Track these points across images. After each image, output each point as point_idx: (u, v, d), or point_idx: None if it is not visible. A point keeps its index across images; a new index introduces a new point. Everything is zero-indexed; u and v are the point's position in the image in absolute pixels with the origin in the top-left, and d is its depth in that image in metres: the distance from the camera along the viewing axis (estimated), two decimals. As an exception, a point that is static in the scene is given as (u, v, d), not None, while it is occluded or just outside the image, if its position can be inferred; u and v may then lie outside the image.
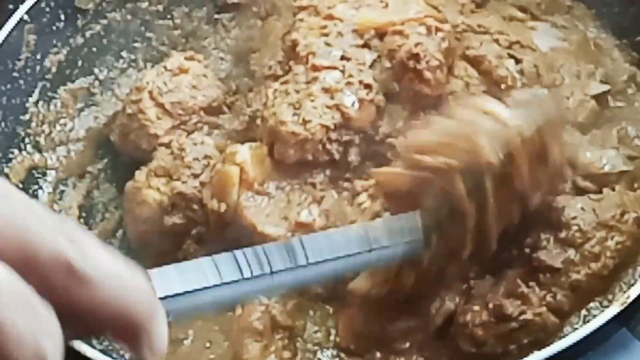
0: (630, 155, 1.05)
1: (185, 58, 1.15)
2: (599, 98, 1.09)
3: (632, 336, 0.88)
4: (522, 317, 0.93)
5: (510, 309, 0.93)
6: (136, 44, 1.23)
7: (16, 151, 1.09)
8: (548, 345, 0.86)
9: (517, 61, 1.08)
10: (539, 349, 0.86)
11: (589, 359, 0.87)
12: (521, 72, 1.07)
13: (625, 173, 1.03)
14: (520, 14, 1.16)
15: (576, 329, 0.92)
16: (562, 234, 0.97)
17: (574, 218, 0.98)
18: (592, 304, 0.96)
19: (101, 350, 0.90)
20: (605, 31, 1.15)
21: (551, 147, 0.92)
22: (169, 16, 1.24)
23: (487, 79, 1.08)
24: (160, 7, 1.23)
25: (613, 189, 1.01)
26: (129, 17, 1.21)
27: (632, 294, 0.88)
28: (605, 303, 0.94)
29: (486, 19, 1.14)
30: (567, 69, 1.09)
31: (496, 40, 1.10)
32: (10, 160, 1.08)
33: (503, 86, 1.06)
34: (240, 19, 1.25)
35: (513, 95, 0.98)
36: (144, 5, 1.22)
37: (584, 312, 0.95)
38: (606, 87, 1.10)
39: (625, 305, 0.87)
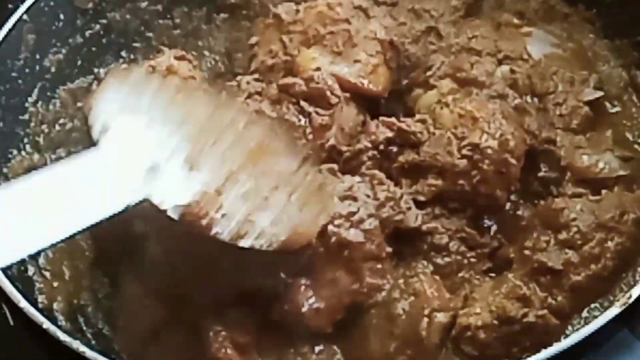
0: (625, 156, 1.05)
1: (175, 57, 1.14)
2: (594, 104, 1.09)
3: (634, 337, 0.88)
4: (525, 319, 0.93)
5: (514, 311, 0.93)
6: (136, 44, 1.22)
7: (15, 151, 1.08)
8: (550, 346, 0.86)
9: (512, 71, 1.08)
10: (541, 351, 0.86)
11: (590, 358, 0.87)
12: (515, 84, 1.07)
13: (622, 177, 1.04)
14: (515, 20, 1.16)
15: (578, 330, 0.91)
16: (562, 236, 0.98)
17: (574, 220, 0.98)
18: (593, 305, 0.96)
19: (99, 351, 0.90)
20: (604, 34, 1.15)
21: None
22: (168, 16, 1.24)
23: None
24: (159, 7, 1.23)
25: (611, 191, 1.01)
26: (128, 16, 1.21)
27: (634, 294, 0.88)
28: (606, 304, 0.95)
29: (478, 32, 1.13)
30: (561, 75, 1.09)
31: (487, 60, 1.10)
32: (9, 160, 1.07)
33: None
34: (232, 20, 1.25)
35: None
36: (144, 4, 1.21)
37: (585, 313, 0.96)
38: (599, 93, 1.10)
39: (627, 305, 0.87)
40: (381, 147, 1.03)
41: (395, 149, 1.03)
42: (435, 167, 1.00)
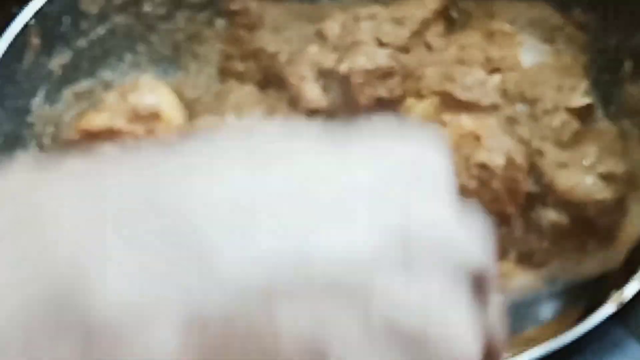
0: (608, 174, 1.03)
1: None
2: (583, 114, 1.08)
3: (628, 335, 0.90)
4: None
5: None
6: (139, 47, 1.22)
7: (21, 152, 1.09)
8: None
9: (503, 81, 1.07)
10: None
11: (585, 357, 0.88)
12: (505, 93, 1.06)
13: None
14: (507, 29, 1.14)
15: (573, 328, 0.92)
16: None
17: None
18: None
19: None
20: (596, 41, 1.14)
21: None
22: (172, 20, 1.23)
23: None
24: (163, 11, 1.23)
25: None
26: (132, 20, 1.21)
27: (628, 292, 0.89)
28: (601, 302, 0.94)
29: (469, 42, 1.12)
30: (550, 83, 1.08)
31: (478, 71, 1.08)
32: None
33: None
34: (230, 29, 1.23)
35: None
36: (148, 9, 1.21)
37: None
38: (588, 100, 1.08)
39: (622, 304, 0.89)
40: None
41: None
42: None
